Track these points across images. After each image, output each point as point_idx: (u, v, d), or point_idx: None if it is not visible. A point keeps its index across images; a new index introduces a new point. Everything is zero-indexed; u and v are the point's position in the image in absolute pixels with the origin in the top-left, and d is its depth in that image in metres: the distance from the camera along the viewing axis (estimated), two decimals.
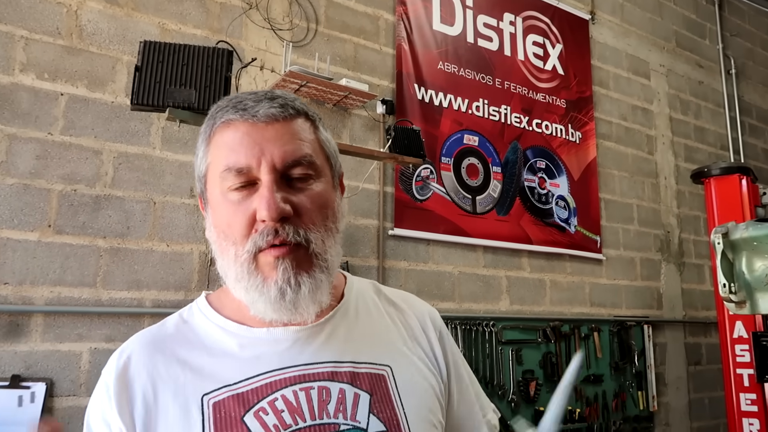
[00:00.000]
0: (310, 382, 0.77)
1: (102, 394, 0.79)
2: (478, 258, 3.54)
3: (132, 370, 0.79)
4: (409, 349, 0.87)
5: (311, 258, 0.77)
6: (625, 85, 4.64)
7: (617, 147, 4.45)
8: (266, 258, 0.75)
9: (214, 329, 0.83)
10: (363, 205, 3.15)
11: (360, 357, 0.82)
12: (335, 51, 3.23)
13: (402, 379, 0.82)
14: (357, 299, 0.90)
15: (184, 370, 0.78)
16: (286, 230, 0.75)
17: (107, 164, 2.52)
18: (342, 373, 0.79)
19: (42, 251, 2.33)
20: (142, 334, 0.85)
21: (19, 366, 2.19)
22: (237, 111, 0.78)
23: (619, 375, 3.92)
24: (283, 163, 0.76)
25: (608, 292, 4.12)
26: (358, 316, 0.88)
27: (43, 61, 2.45)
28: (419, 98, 3.46)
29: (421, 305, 0.97)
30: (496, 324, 3.38)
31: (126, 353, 0.81)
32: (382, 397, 0.79)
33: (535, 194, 3.87)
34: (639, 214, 4.46)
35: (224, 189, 0.77)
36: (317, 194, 0.79)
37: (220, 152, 0.78)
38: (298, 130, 0.79)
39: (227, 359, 0.79)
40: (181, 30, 2.79)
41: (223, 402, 0.75)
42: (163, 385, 0.77)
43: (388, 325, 0.89)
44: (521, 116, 3.92)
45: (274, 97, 0.80)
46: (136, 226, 2.53)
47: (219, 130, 0.79)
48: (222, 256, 0.80)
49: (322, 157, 0.82)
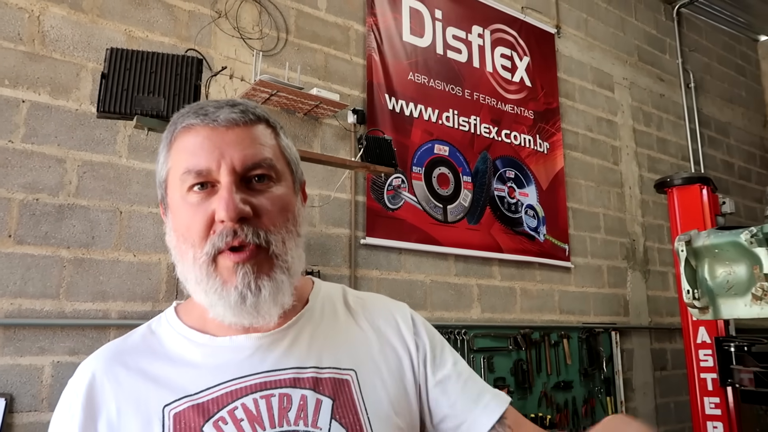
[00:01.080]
0: (271, 390, 0.76)
1: (65, 413, 0.78)
2: (450, 266, 3.56)
3: (96, 388, 0.78)
4: (377, 351, 0.86)
5: (271, 259, 0.76)
6: (591, 97, 4.75)
7: (584, 157, 4.54)
8: (225, 261, 0.75)
9: (178, 339, 0.82)
10: (334, 214, 3.13)
11: (323, 362, 0.81)
12: (306, 60, 3.23)
13: (367, 383, 0.81)
14: (323, 304, 0.89)
15: (146, 382, 0.77)
16: (245, 231, 0.74)
17: (71, 173, 2.45)
18: (304, 379, 0.78)
19: (1, 262, 2.25)
20: (106, 348, 0.84)
21: None
22: (198, 116, 0.78)
23: (588, 381, 3.98)
24: (243, 166, 0.76)
25: (577, 300, 4.18)
26: (323, 320, 0.86)
27: (3, 67, 2.39)
28: (390, 108, 3.48)
29: (389, 303, 0.95)
30: (467, 332, 3.39)
31: (90, 370, 0.80)
32: (345, 402, 0.78)
33: (505, 203, 3.91)
34: (605, 223, 4.55)
35: (183, 192, 0.77)
36: (277, 197, 0.79)
37: (181, 156, 0.78)
38: (259, 135, 0.80)
39: (189, 369, 0.78)
40: (148, 38, 2.75)
41: (183, 413, 0.74)
42: (125, 400, 0.76)
43: (354, 328, 0.88)
44: (490, 127, 3.98)
45: (236, 104, 0.80)
46: (102, 236, 2.47)
47: (180, 135, 0.79)
48: (181, 260, 0.79)
49: (282, 162, 0.82)
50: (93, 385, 0.78)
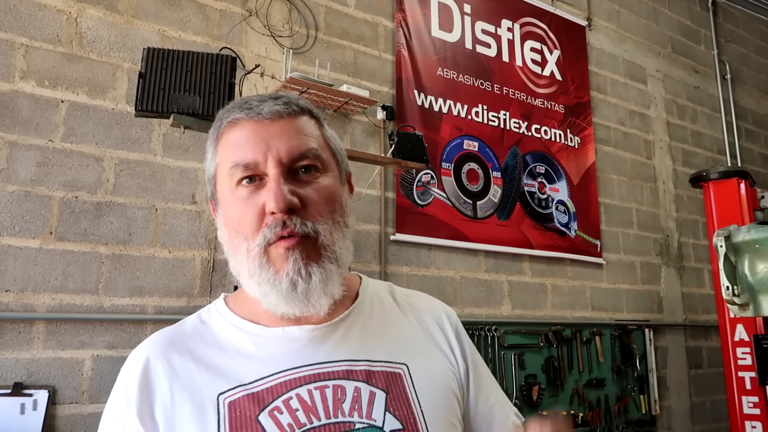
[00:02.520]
0: (325, 381, 0.77)
1: (120, 398, 0.78)
2: (480, 263, 3.54)
3: (150, 372, 0.79)
4: (426, 347, 0.87)
5: (320, 249, 0.77)
6: (623, 91, 4.66)
7: (616, 152, 4.47)
8: (276, 250, 0.76)
9: (230, 329, 0.83)
10: (364, 210, 3.14)
11: (375, 355, 0.81)
12: (335, 57, 3.24)
13: (419, 377, 0.81)
14: (372, 299, 0.90)
15: (200, 369, 0.78)
16: (293, 221, 0.75)
17: (108, 171, 2.51)
18: (357, 372, 0.78)
19: (43, 258, 2.31)
20: (159, 334, 0.85)
21: (21, 373, 2.18)
22: (243, 110, 0.79)
23: (621, 379, 3.92)
24: (289, 157, 0.77)
25: (609, 296, 4.12)
26: (373, 315, 0.87)
27: (44, 68, 2.45)
28: (419, 104, 3.47)
29: (435, 303, 0.97)
30: (498, 329, 3.38)
31: (144, 355, 0.81)
32: (399, 395, 0.78)
33: (535, 199, 3.88)
34: (638, 219, 4.47)
35: (233, 186, 0.78)
36: (324, 187, 0.79)
37: (228, 151, 0.79)
38: (303, 126, 0.80)
39: (242, 358, 0.79)
40: (181, 37, 2.79)
41: (238, 401, 0.75)
42: (179, 386, 0.77)
43: (403, 323, 0.89)
44: (520, 122, 3.94)
45: (278, 96, 0.82)
46: (138, 233, 2.52)
47: (226, 130, 0.80)
48: (234, 253, 0.80)
49: (328, 152, 0.83)
50: (147, 371, 0.79)
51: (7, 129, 2.33)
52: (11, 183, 2.31)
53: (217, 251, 2.64)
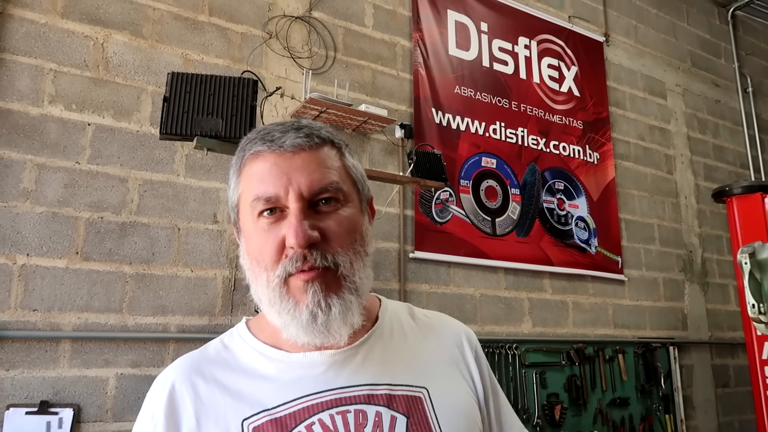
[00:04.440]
0: (346, 406, 0.77)
1: (147, 423, 0.80)
2: (500, 280, 3.52)
3: (176, 398, 0.80)
4: (446, 370, 0.87)
5: (340, 280, 0.78)
6: (642, 106, 4.64)
7: (636, 167, 4.44)
8: (296, 282, 0.77)
9: (252, 354, 0.85)
10: (384, 228, 3.16)
11: (396, 379, 0.82)
12: (353, 77, 3.28)
13: (439, 400, 0.82)
14: (392, 321, 0.91)
15: (224, 395, 0.80)
16: (314, 256, 0.76)
17: (133, 192, 2.56)
18: (378, 396, 0.79)
19: (70, 278, 2.36)
20: (183, 359, 0.87)
21: (47, 392, 2.21)
22: (265, 142, 0.80)
23: (646, 398, 3.85)
24: (310, 191, 0.78)
25: (632, 314, 4.07)
26: (393, 338, 0.88)
27: (71, 92, 2.52)
28: (437, 122, 3.49)
29: (456, 325, 0.97)
30: (519, 347, 3.35)
31: (170, 381, 0.82)
32: (419, 420, 0.79)
33: (555, 216, 3.86)
34: (660, 234, 4.42)
35: (254, 217, 0.79)
36: (344, 218, 0.80)
37: (250, 183, 0.80)
38: (324, 158, 0.81)
39: (265, 383, 0.80)
40: (203, 60, 2.85)
41: (262, 426, 0.76)
42: (204, 411, 0.78)
43: (423, 346, 0.89)
44: (538, 138, 3.94)
45: (300, 127, 0.82)
46: (161, 252, 2.56)
47: (248, 161, 0.81)
48: (255, 281, 0.81)
49: (349, 182, 0.83)
50: (173, 396, 0.80)
51: (36, 152, 2.40)
52: (39, 204, 2.36)
53: (238, 270, 2.66)
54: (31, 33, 2.48)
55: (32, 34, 2.48)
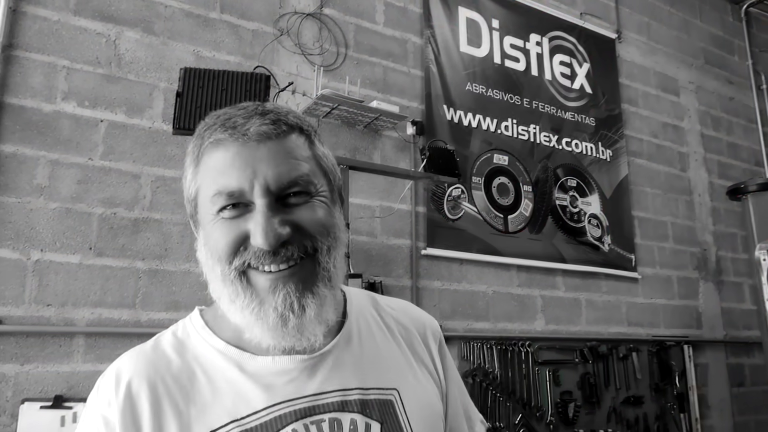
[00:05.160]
0: (320, 414, 0.73)
1: (99, 429, 0.70)
2: (512, 277, 3.50)
3: (135, 400, 0.71)
4: (414, 368, 0.85)
5: (316, 270, 0.72)
6: (655, 103, 4.60)
7: (649, 164, 4.40)
8: (259, 279, 0.71)
9: (213, 354, 0.76)
10: (395, 225, 3.15)
11: (367, 382, 0.78)
12: (365, 74, 3.27)
13: (409, 402, 0.80)
14: (359, 319, 0.85)
15: (186, 402, 0.72)
16: (290, 250, 0.70)
17: (145, 188, 2.56)
18: (352, 402, 0.75)
19: (83, 273, 2.37)
20: (137, 355, 0.77)
21: (61, 386, 2.22)
22: (226, 129, 0.71)
23: (660, 396, 3.81)
24: (278, 185, 0.70)
25: (645, 312, 4.03)
26: (362, 339, 0.83)
27: (84, 89, 2.53)
28: (448, 119, 3.48)
29: (421, 316, 0.93)
30: (531, 344, 3.32)
31: (124, 380, 0.73)
32: (392, 425, 0.76)
33: (567, 213, 3.83)
34: (674, 232, 4.38)
35: (214, 212, 0.72)
36: (318, 213, 0.73)
37: (210, 175, 0.72)
38: (293, 147, 0.73)
39: (231, 390, 0.73)
40: (215, 57, 2.86)
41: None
42: (166, 419, 0.70)
43: (391, 344, 0.85)
44: (550, 135, 3.91)
45: (265, 112, 0.74)
46: (174, 248, 2.56)
47: (208, 150, 0.72)
48: (211, 276, 0.75)
49: (319, 173, 0.76)
50: (131, 399, 0.72)
51: (50, 148, 2.41)
52: (53, 200, 2.37)
53: None
54: (44, 30, 2.49)
55: (45, 31, 2.49)
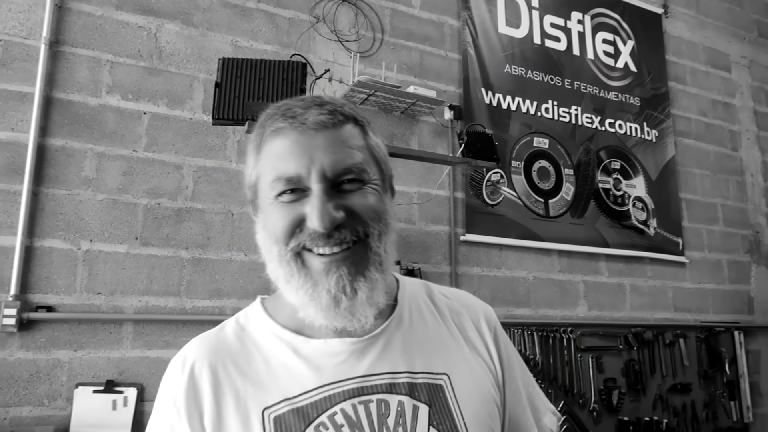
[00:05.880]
0: (368, 395, 0.76)
1: (169, 407, 0.78)
2: (553, 263, 3.44)
3: (197, 382, 0.78)
4: (466, 354, 0.85)
5: (368, 255, 0.75)
6: (704, 80, 4.42)
7: (697, 144, 4.24)
8: (314, 261, 0.74)
9: (270, 339, 0.82)
10: (434, 211, 3.13)
11: (417, 366, 0.80)
12: (401, 59, 3.25)
13: (460, 387, 0.80)
14: (410, 304, 0.88)
15: (244, 382, 0.77)
16: (342, 234, 0.73)
17: (188, 178, 2.62)
18: (400, 384, 0.77)
19: (130, 262, 2.44)
20: (201, 340, 0.83)
21: (112, 371, 2.31)
22: (286, 119, 0.76)
23: (709, 384, 3.71)
24: (334, 172, 0.74)
25: (693, 297, 3.91)
26: (413, 323, 0.85)
27: (127, 82, 2.59)
28: (487, 102, 3.42)
29: (475, 304, 0.94)
30: (574, 330, 3.27)
31: (189, 363, 0.80)
32: (441, 409, 0.77)
33: (611, 196, 3.73)
34: (724, 214, 4.22)
35: (273, 197, 0.76)
36: (370, 197, 0.77)
37: (270, 161, 0.77)
38: (348, 136, 0.77)
39: (285, 371, 0.78)
40: (252, 46, 2.88)
41: (283, 416, 0.74)
42: (225, 398, 0.76)
43: (442, 330, 0.86)
44: (593, 116, 3.81)
45: (323, 103, 0.78)
46: (216, 237, 2.61)
47: (268, 139, 0.77)
48: (268, 257, 0.79)
49: (372, 162, 0.80)
50: (193, 380, 0.78)
51: (96, 141, 2.48)
52: (100, 192, 2.45)
53: None
54: (88, 25, 2.55)
55: (89, 26, 2.55)
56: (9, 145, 2.33)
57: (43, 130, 2.40)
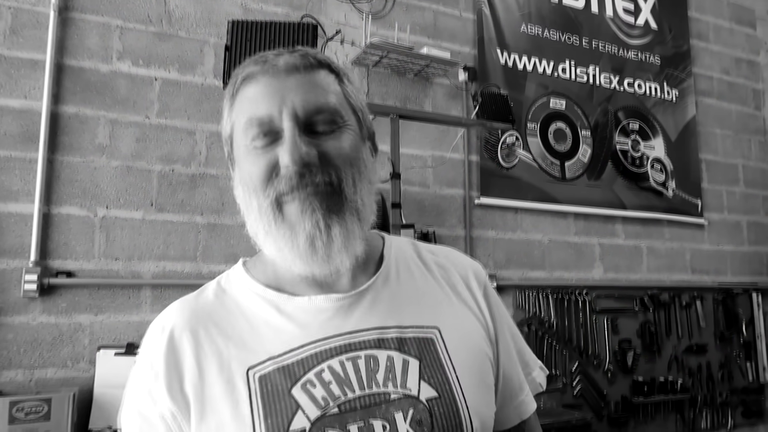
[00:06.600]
0: (356, 351, 0.74)
1: (147, 373, 0.75)
2: (569, 225, 3.42)
3: (176, 346, 0.75)
4: (456, 308, 0.83)
5: (341, 200, 0.73)
6: (727, 37, 4.28)
7: (719, 104, 4.13)
8: (291, 207, 0.73)
9: (252, 298, 0.80)
10: (448, 174, 3.11)
11: (405, 321, 0.78)
12: (414, 20, 3.18)
13: (451, 340, 0.78)
14: (397, 260, 0.86)
15: (227, 343, 0.75)
16: (313, 172, 0.72)
17: (200, 144, 2.62)
18: (389, 339, 0.75)
19: (146, 228, 2.47)
20: (181, 304, 0.81)
21: (132, 334, 2.35)
22: (257, 64, 0.76)
23: (725, 345, 3.70)
24: (305, 111, 0.73)
25: (711, 258, 3.87)
26: (400, 278, 0.83)
27: (137, 48, 2.57)
28: (502, 63, 3.35)
29: (463, 260, 0.92)
30: (589, 293, 3.26)
31: (168, 329, 0.77)
32: (432, 362, 0.75)
33: (629, 157, 3.67)
34: (745, 175, 4.14)
35: (247, 142, 0.75)
36: (345, 140, 0.75)
37: (243, 107, 0.76)
38: (321, 80, 0.77)
39: (269, 330, 0.76)
40: (262, 9, 2.83)
41: (269, 375, 0.72)
42: (207, 360, 0.74)
43: (431, 284, 0.85)
44: (611, 76, 3.72)
45: (296, 50, 0.78)
46: (230, 203, 2.62)
47: (241, 86, 0.77)
48: (247, 211, 0.78)
49: (348, 108, 0.78)
50: (173, 344, 0.75)
51: (108, 108, 2.48)
52: (114, 158, 2.46)
53: None
54: None
55: None
56: (23, 113, 2.34)
57: (56, 97, 2.40)
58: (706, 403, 3.55)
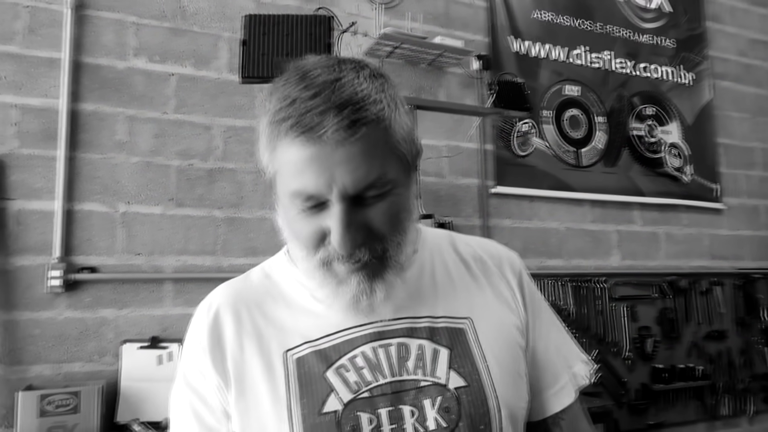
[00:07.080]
0: (388, 339, 0.78)
1: (196, 349, 0.80)
2: (585, 213, 3.40)
3: (220, 324, 0.81)
4: (489, 299, 0.85)
5: (386, 265, 0.75)
6: (743, 18, 4.22)
7: (736, 86, 4.08)
8: (339, 267, 0.75)
9: (294, 285, 0.84)
10: (463, 164, 3.10)
11: (438, 311, 0.81)
12: (426, 9, 3.17)
13: (483, 331, 0.81)
14: (432, 252, 0.88)
15: (267, 325, 0.80)
16: (362, 252, 0.73)
17: (217, 138, 2.63)
18: (420, 329, 0.79)
19: (166, 223, 2.49)
20: (226, 286, 0.87)
21: (156, 328, 2.39)
22: (300, 128, 0.68)
23: (745, 331, 3.67)
24: (355, 189, 0.70)
25: (730, 244, 3.84)
26: (434, 271, 0.86)
27: (153, 44, 2.59)
28: (515, 50, 3.33)
29: (499, 250, 0.93)
30: (607, 280, 3.25)
31: (214, 307, 0.83)
32: (463, 352, 0.78)
33: (645, 143, 3.64)
34: (764, 158, 4.09)
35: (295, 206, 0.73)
36: (393, 204, 0.74)
37: (287, 169, 0.71)
38: (370, 147, 0.70)
39: (307, 315, 0.81)
40: (274, 2, 2.83)
41: (305, 358, 0.77)
42: (248, 340, 0.79)
43: (465, 277, 0.87)
44: (626, 61, 3.69)
45: (342, 105, 0.68)
46: (248, 196, 2.64)
47: (283, 142, 0.71)
48: (292, 247, 0.81)
49: (397, 164, 0.74)
50: (217, 322, 0.81)
51: (126, 104, 2.50)
52: (134, 155, 2.48)
53: None
54: None
55: None
56: (43, 111, 2.37)
57: (74, 95, 2.43)
58: (727, 390, 3.53)
